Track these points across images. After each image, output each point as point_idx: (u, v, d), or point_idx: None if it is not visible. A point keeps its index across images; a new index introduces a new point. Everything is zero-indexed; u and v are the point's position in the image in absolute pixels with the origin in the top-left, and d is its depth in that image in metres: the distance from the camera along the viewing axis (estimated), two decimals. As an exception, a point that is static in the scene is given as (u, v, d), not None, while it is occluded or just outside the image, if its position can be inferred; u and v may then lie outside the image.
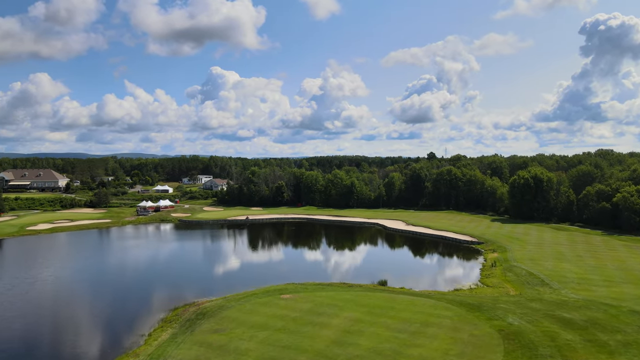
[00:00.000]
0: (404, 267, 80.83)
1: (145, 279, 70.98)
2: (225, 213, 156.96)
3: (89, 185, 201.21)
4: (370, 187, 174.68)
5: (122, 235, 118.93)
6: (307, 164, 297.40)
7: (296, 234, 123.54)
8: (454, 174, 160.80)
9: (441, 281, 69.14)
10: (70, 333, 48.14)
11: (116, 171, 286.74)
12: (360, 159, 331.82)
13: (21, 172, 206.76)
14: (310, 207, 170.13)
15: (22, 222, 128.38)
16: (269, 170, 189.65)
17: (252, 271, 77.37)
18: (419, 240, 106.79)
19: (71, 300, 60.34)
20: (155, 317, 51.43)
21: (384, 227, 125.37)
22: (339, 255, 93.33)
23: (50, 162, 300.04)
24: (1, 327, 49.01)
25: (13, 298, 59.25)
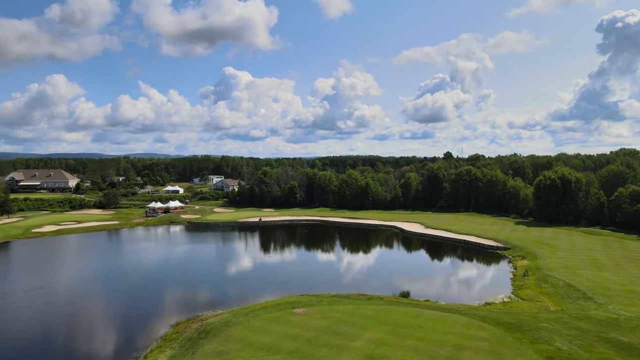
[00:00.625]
0: (425, 275, 74.79)
1: (146, 287, 66.09)
2: (236, 214, 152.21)
3: (99, 186, 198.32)
4: (386, 188, 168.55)
5: (128, 238, 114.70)
6: (320, 164, 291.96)
7: (309, 237, 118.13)
8: (473, 174, 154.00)
9: (469, 292, 63.00)
10: (57, 352, 43.23)
11: (128, 171, 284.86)
12: (374, 158, 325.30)
13: (31, 173, 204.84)
14: (323, 209, 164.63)
15: (28, 224, 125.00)
16: (281, 171, 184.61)
17: (262, 279, 72.04)
18: (439, 245, 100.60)
19: (61, 311, 55.50)
20: (154, 333, 46.41)
21: (401, 230, 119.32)
22: (355, 261, 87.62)
23: (63, 162, 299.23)
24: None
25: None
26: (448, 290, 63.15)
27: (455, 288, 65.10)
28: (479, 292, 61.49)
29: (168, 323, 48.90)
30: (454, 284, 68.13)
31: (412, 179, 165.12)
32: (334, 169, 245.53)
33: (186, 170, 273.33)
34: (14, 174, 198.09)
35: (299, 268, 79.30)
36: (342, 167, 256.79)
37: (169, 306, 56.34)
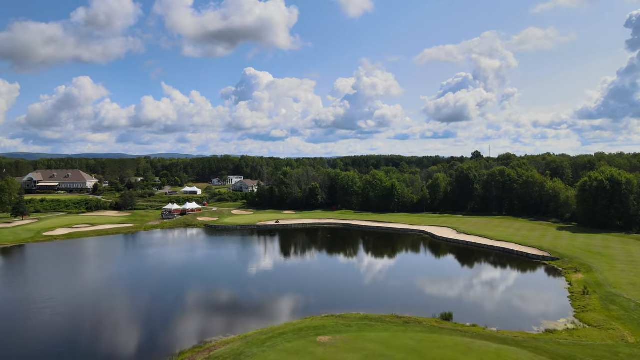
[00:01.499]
0: (466, 290, 65.88)
1: (150, 303, 59.14)
2: (255, 217, 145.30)
3: (117, 187, 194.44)
4: (412, 189, 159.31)
5: (139, 243, 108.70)
6: (341, 164, 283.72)
7: (332, 242, 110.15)
8: (507, 175, 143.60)
9: (522, 315, 53.96)
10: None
11: (147, 171, 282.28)
12: (397, 158, 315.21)
13: (50, 173, 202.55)
14: (346, 211, 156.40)
15: (40, 227, 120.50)
16: (301, 171, 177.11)
17: (281, 293, 64.35)
18: (475, 253, 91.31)
19: (51, 332, 48.80)
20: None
21: (432, 236, 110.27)
22: (383, 271, 79.18)
23: (84, 162, 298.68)
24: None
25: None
26: (496, 311, 54.25)
27: (504, 308, 56.07)
28: (534, 315, 52.40)
29: (171, 351, 41.66)
30: (501, 302, 59.07)
31: (440, 180, 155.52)
32: (356, 169, 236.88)
33: (205, 170, 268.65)
34: (33, 175, 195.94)
35: (322, 279, 71.33)
36: (365, 168, 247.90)
37: (173, 327, 49.03)
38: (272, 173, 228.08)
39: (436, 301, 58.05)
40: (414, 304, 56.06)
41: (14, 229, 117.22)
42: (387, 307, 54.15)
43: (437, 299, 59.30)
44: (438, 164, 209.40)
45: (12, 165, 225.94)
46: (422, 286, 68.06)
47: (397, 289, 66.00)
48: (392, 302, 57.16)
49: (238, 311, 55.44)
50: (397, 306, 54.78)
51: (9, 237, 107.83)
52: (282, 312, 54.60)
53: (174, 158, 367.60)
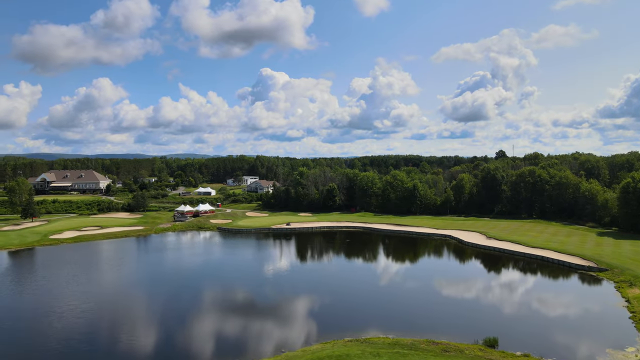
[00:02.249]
0: (507, 307, 58.12)
1: (148, 319, 52.98)
2: (270, 220, 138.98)
3: (130, 187, 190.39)
4: (435, 191, 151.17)
5: (148, 247, 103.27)
6: (359, 164, 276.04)
7: (351, 248, 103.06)
8: (538, 176, 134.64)
9: (579, 341, 46.11)
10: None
11: (162, 171, 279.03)
12: (415, 158, 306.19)
13: (63, 173, 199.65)
14: (365, 214, 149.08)
15: (48, 229, 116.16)
16: (318, 171, 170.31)
17: (295, 310, 57.59)
18: (509, 261, 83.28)
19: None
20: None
21: (459, 241, 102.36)
22: (410, 283, 71.78)
23: (99, 162, 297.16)
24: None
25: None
26: (548, 336, 46.49)
27: (557, 332, 48.18)
28: (595, 342, 44.56)
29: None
30: (552, 324, 51.13)
31: (465, 181, 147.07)
32: (374, 169, 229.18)
33: (220, 170, 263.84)
34: (46, 175, 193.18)
35: (342, 293, 64.26)
36: (384, 168, 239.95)
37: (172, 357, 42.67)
38: (288, 173, 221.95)
39: (475, 322, 50.59)
40: (450, 326, 48.72)
41: (21, 232, 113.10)
42: (419, 329, 47.03)
43: (475, 319, 51.79)
44: (461, 164, 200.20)
45: (26, 165, 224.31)
46: (456, 302, 60.49)
47: (427, 305, 58.59)
48: (423, 323, 49.95)
49: (248, 330, 48.81)
50: (430, 328, 47.64)
51: (15, 240, 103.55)
52: (298, 334, 47.80)
53: (189, 158, 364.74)
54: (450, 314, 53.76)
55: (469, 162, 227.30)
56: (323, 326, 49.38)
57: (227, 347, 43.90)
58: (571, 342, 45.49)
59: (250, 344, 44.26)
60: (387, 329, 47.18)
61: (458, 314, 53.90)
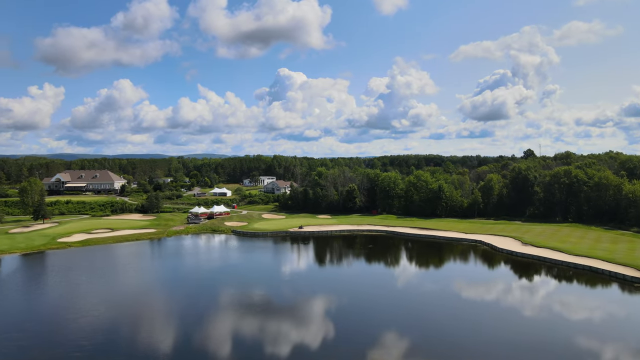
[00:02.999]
0: (569, 333, 50.01)
1: (146, 344, 46.74)
2: (287, 222, 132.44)
3: (145, 188, 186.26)
4: (462, 192, 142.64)
5: (157, 252, 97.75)
6: (379, 164, 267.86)
7: (374, 253, 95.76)
8: (574, 176, 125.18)
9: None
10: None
11: (178, 171, 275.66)
12: (437, 158, 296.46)
13: (78, 174, 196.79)
14: (387, 216, 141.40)
15: (57, 232, 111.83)
16: (337, 172, 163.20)
17: (313, 342, 50.60)
18: (552, 272, 74.94)
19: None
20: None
21: (492, 247, 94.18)
22: (444, 297, 64.04)
23: (117, 162, 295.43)
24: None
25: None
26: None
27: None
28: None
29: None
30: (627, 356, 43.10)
31: (493, 182, 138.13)
32: (395, 169, 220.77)
33: (236, 170, 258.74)
34: (60, 175, 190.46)
35: (367, 315, 56.99)
36: (405, 168, 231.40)
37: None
38: (306, 173, 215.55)
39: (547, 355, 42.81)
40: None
41: (29, 234, 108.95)
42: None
43: (534, 351, 44.00)
44: (487, 164, 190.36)
45: (42, 165, 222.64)
46: (506, 324, 52.57)
47: (472, 328, 50.85)
48: (471, 351, 42.44)
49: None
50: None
51: (22, 243, 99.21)
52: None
53: (206, 158, 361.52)
54: (503, 342, 46.03)
55: (494, 161, 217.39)
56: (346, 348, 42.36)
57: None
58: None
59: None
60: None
61: (514, 340, 46.12)
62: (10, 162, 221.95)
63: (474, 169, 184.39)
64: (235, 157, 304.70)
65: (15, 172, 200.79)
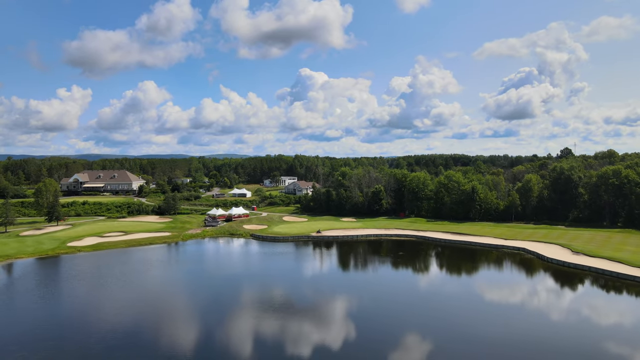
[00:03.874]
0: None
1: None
2: (309, 225, 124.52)
3: (162, 188, 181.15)
4: (497, 194, 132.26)
5: (167, 259, 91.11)
6: (404, 164, 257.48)
7: (404, 262, 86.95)
8: (624, 177, 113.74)
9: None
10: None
11: (199, 171, 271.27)
12: (463, 157, 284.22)
13: (96, 174, 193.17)
14: (416, 219, 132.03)
15: (68, 235, 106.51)
16: (362, 172, 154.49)
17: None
18: (617, 289, 64.88)
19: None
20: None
21: (538, 256, 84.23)
22: (497, 321, 54.96)
23: (137, 162, 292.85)
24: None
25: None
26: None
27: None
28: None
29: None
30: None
31: (532, 183, 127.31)
32: (422, 169, 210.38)
33: (256, 170, 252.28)
34: (78, 176, 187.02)
35: (403, 344, 48.41)
36: (433, 167, 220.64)
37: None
38: (329, 174, 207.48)
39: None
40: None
41: (39, 237, 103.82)
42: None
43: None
44: (522, 164, 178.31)
45: (62, 165, 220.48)
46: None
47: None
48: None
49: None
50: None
51: (29, 247, 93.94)
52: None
53: (227, 158, 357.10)
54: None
55: (528, 161, 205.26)
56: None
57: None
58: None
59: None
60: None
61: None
62: (30, 162, 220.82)
63: (507, 168, 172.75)
64: (256, 157, 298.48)
65: (35, 172, 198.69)
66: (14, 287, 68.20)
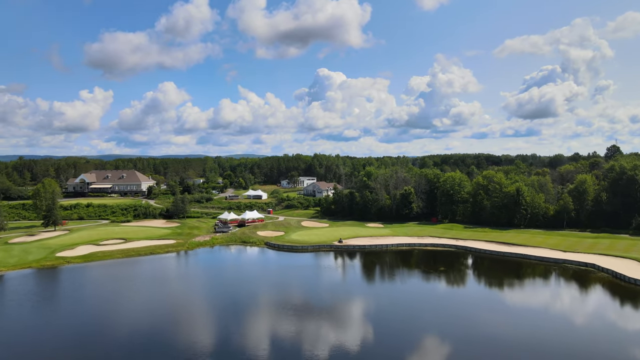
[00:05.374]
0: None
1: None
2: (331, 232, 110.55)
3: (172, 190, 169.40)
4: (545, 197, 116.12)
5: (166, 273, 78.26)
6: (430, 163, 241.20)
7: (450, 281, 72.16)
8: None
9: None
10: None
11: (213, 171, 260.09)
12: (491, 157, 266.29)
13: (103, 174, 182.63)
14: (453, 225, 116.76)
15: (61, 243, 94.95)
16: (389, 172, 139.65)
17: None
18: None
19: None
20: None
21: (616, 275, 68.58)
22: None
23: (151, 162, 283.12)
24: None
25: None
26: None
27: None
28: None
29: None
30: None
31: (587, 184, 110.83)
32: (452, 168, 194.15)
33: (273, 170, 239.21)
34: (85, 176, 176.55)
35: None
36: (463, 167, 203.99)
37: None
38: (350, 174, 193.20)
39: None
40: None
41: (28, 246, 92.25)
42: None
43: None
44: (573, 162, 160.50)
45: (70, 165, 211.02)
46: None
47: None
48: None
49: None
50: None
51: (13, 258, 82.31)
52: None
53: (243, 158, 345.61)
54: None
55: (570, 160, 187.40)
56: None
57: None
58: None
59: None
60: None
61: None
62: (40, 162, 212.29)
63: (555, 168, 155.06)
64: (273, 156, 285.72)
65: (42, 172, 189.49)
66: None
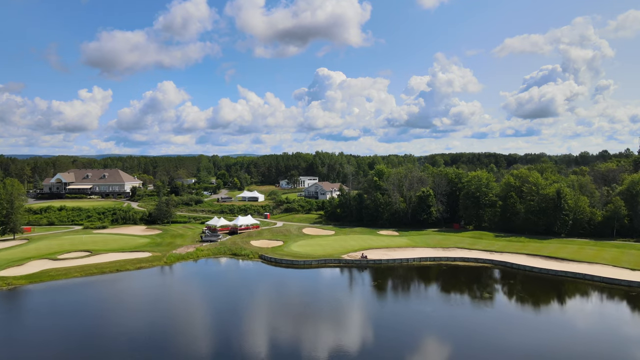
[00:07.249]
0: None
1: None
2: (338, 243, 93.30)
3: (160, 190, 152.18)
4: (589, 201, 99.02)
5: (124, 304, 60.94)
6: (441, 161, 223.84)
7: (501, 315, 54.98)
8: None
9: None
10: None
11: (210, 170, 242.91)
12: (510, 157, 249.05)
13: (83, 173, 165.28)
14: (480, 233, 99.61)
15: (9, 257, 78.10)
16: (404, 171, 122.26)
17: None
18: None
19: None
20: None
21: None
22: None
23: (142, 160, 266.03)
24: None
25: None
26: None
27: None
28: None
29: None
30: None
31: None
32: (469, 167, 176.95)
33: (272, 170, 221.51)
34: (61, 175, 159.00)
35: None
36: (480, 165, 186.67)
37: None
38: (355, 173, 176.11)
39: None
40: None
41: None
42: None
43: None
44: (609, 160, 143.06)
45: (49, 164, 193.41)
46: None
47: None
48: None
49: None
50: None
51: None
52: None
53: (240, 156, 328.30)
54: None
55: (595, 159, 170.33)
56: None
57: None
58: None
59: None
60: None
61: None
62: (17, 161, 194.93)
63: (594, 167, 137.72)
64: (272, 155, 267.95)
65: (17, 172, 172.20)
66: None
